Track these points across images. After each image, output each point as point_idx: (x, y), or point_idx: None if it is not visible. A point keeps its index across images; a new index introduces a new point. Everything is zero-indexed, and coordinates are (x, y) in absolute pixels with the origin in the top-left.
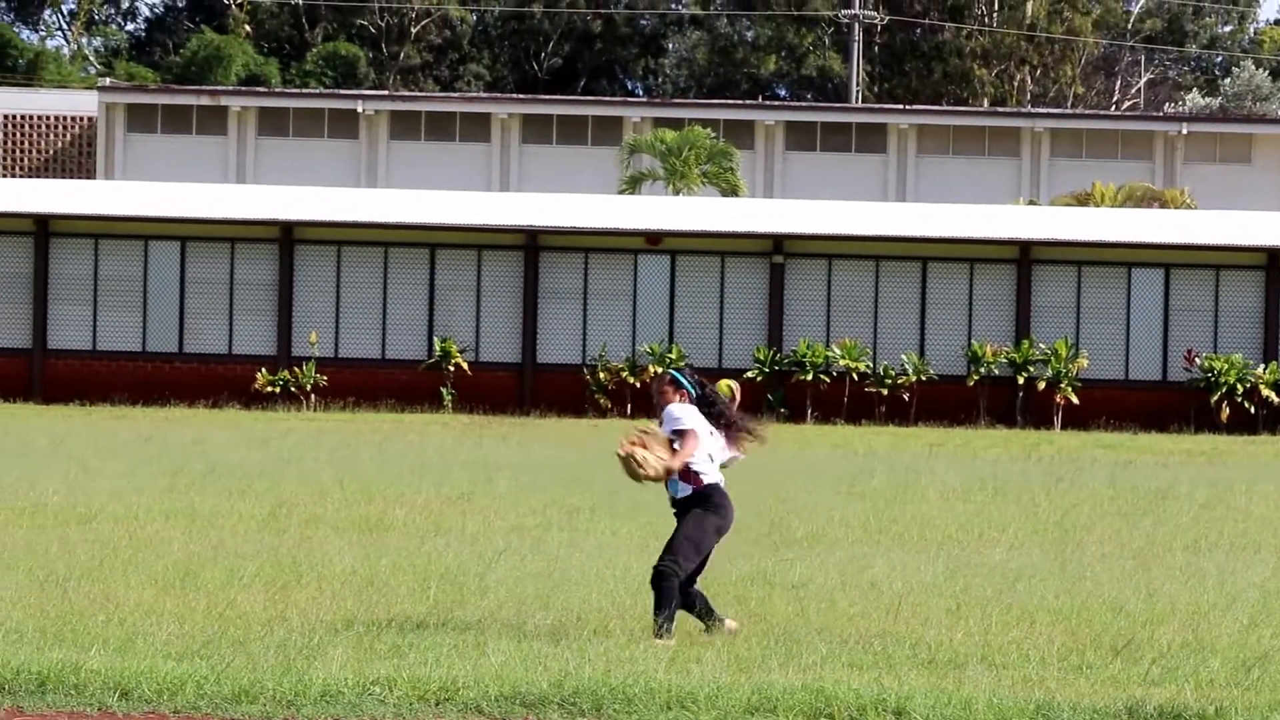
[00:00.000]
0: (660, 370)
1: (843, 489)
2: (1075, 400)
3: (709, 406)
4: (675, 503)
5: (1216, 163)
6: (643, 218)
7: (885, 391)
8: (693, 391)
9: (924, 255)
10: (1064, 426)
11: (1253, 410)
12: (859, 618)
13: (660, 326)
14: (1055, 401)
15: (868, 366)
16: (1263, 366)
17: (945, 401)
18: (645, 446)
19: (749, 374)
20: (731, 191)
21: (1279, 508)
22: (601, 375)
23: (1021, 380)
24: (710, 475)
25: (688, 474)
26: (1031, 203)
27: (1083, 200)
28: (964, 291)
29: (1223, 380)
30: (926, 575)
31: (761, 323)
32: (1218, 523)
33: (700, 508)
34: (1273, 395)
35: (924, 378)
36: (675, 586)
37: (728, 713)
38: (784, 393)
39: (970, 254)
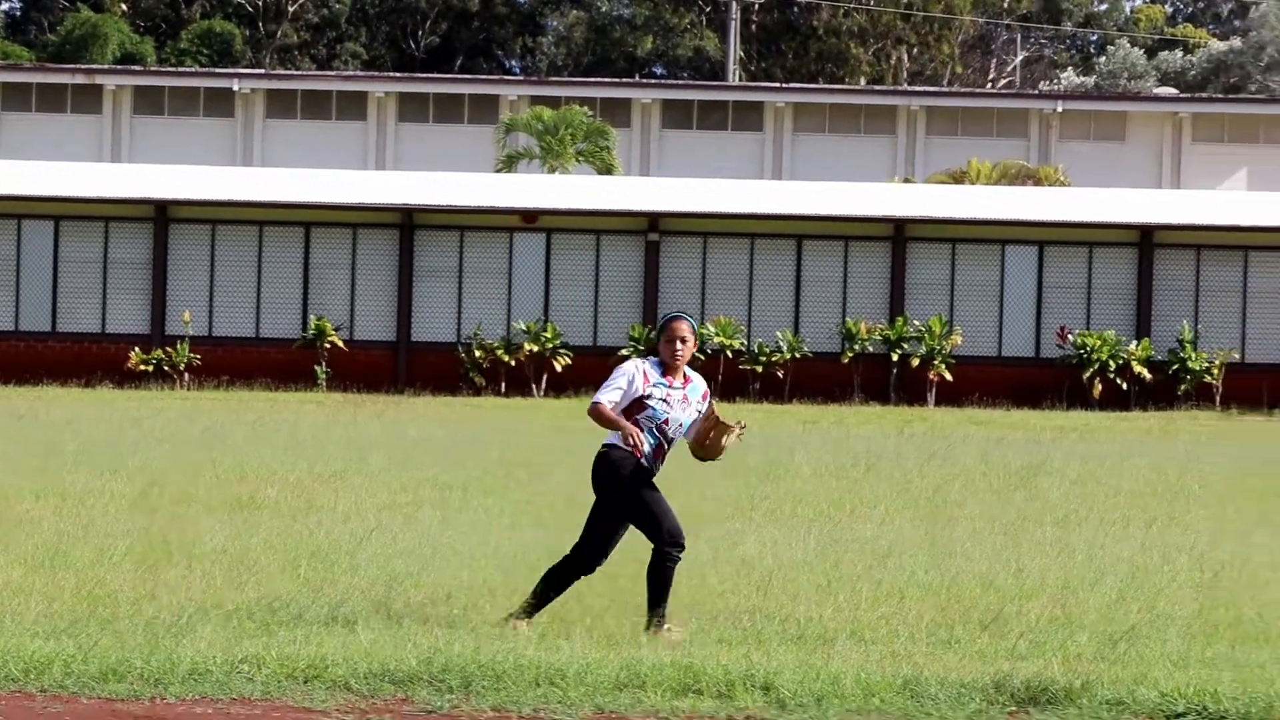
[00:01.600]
0: (677, 312)
1: (715, 466)
2: (949, 377)
3: None
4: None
5: (1091, 140)
6: (518, 196)
7: (760, 369)
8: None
9: (799, 233)
10: (937, 403)
11: (1125, 386)
12: (729, 594)
13: (535, 305)
14: (929, 378)
15: (742, 344)
16: (1135, 343)
17: (820, 378)
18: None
19: (624, 352)
20: (607, 170)
21: (1149, 483)
22: (476, 353)
23: (895, 357)
24: None
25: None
26: (907, 180)
27: (958, 178)
28: (839, 269)
29: (1095, 357)
30: (798, 552)
31: (636, 301)
32: (1088, 498)
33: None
34: (1145, 372)
35: (798, 355)
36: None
37: (596, 689)
38: None
39: (845, 231)
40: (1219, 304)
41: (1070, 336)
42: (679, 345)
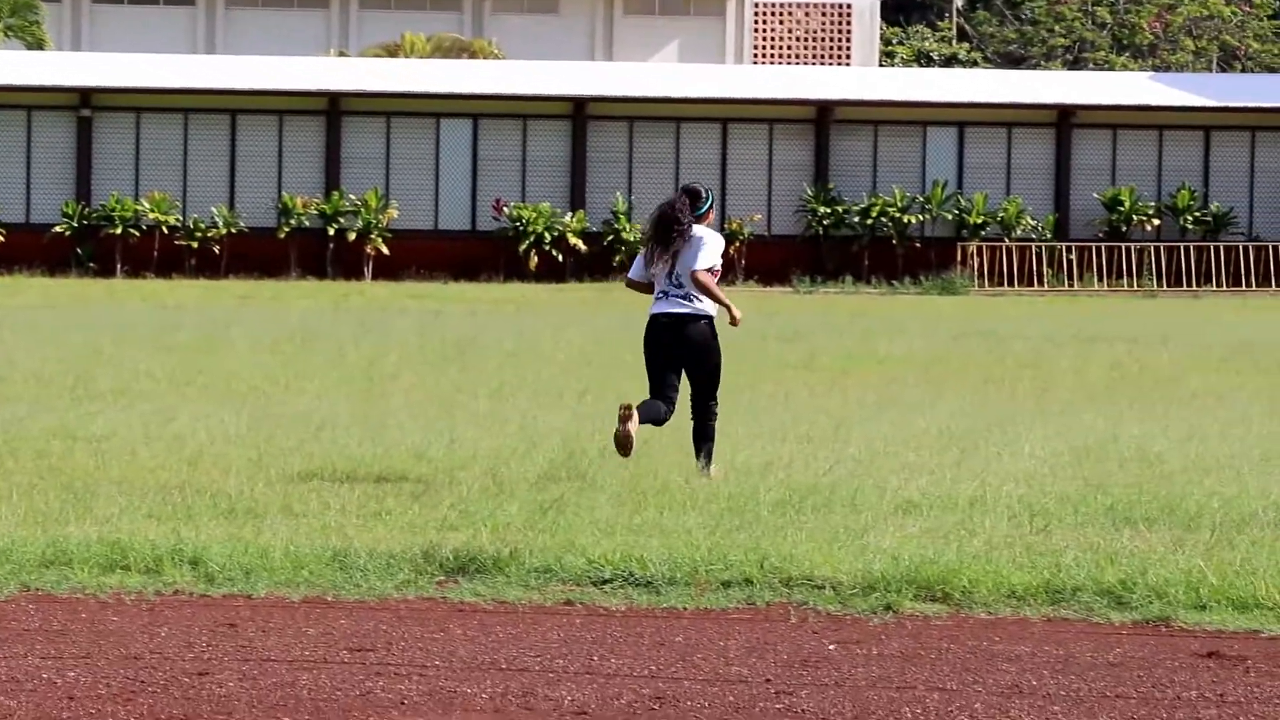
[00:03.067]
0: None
1: (151, 343)
2: (386, 251)
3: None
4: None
5: (524, 13)
6: None
7: (195, 244)
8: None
9: (233, 108)
10: (375, 277)
11: (561, 258)
12: (160, 470)
13: None
14: (366, 252)
15: (178, 220)
16: (570, 215)
17: (256, 254)
18: None
19: (58, 229)
20: (37, 45)
21: (583, 354)
22: None
23: (332, 232)
24: None
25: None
26: (341, 54)
27: (393, 51)
28: (274, 143)
29: (531, 229)
30: (230, 427)
31: (69, 177)
32: (523, 370)
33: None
34: (580, 244)
35: (234, 230)
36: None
37: (22, 567)
38: (93, 247)
39: (280, 106)
40: (652, 175)
41: (506, 209)
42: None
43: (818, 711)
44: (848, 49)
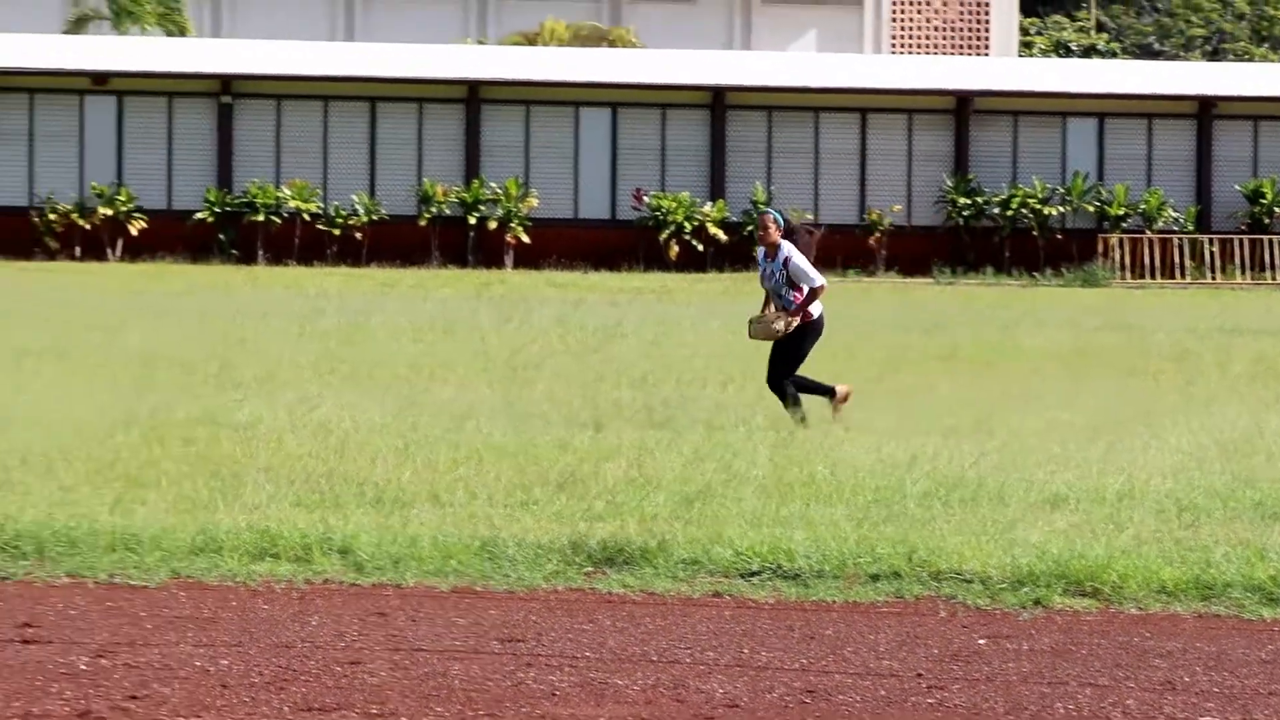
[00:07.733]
0: (762, 208)
1: (294, 330)
2: (526, 239)
3: (794, 236)
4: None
5: (663, 1)
6: (89, 58)
7: (337, 232)
8: (783, 225)
9: (373, 95)
10: (515, 266)
11: (701, 248)
12: (307, 458)
13: (108, 168)
14: (506, 241)
15: (319, 207)
16: (710, 204)
17: (397, 242)
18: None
19: (200, 215)
20: (179, 31)
21: (725, 344)
22: (50, 217)
23: (473, 220)
24: (817, 309)
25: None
26: (480, 42)
27: (532, 39)
28: (413, 131)
29: (671, 219)
30: (375, 415)
31: (211, 164)
32: (665, 359)
33: (807, 331)
34: (720, 233)
35: (375, 218)
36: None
37: (173, 554)
38: (236, 234)
39: (420, 94)
40: (791, 165)
41: (646, 198)
42: (759, 230)
43: (970, 706)
44: (986, 39)
